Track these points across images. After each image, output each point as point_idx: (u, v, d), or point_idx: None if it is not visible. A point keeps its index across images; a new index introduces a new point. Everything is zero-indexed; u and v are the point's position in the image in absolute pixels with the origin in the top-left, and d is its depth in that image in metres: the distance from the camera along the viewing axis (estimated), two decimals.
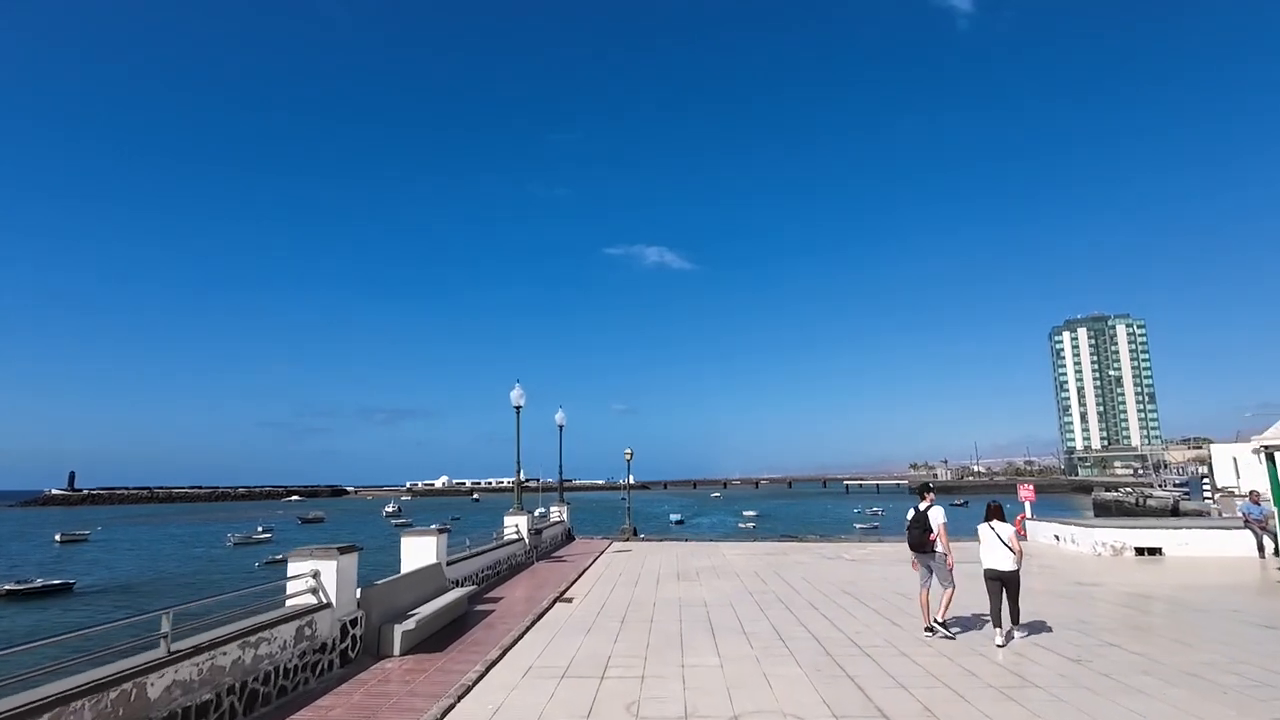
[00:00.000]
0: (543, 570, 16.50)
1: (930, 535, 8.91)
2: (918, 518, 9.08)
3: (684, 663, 7.96)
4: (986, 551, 8.83)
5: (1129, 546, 17.58)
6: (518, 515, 17.88)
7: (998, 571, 8.71)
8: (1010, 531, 8.80)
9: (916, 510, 9.18)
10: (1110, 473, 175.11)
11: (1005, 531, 8.77)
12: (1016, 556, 8.69)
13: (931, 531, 8.90)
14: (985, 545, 8.85)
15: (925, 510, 9.06)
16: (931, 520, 8.93)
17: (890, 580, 14.20)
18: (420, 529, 11.51)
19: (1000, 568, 8.69)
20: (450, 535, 12.89)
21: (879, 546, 21.51)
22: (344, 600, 7.94)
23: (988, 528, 8.86)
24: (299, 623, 7.06)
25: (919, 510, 9.15)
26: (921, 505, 9.17)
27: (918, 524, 9.04)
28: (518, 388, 18.89)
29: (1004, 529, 8.79)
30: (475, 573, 13.45)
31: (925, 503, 9.17)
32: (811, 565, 17.04)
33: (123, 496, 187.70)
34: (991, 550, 8.77)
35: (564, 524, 23.89)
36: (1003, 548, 8.69)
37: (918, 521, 9.05)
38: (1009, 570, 8.66)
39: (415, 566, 10.84)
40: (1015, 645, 8.54)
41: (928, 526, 8.94)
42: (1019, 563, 8.73)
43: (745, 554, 19.89)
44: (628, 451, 29.75)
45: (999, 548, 8.71)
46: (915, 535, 9.03)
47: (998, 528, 8.80)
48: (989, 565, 8.79)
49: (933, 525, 8.92)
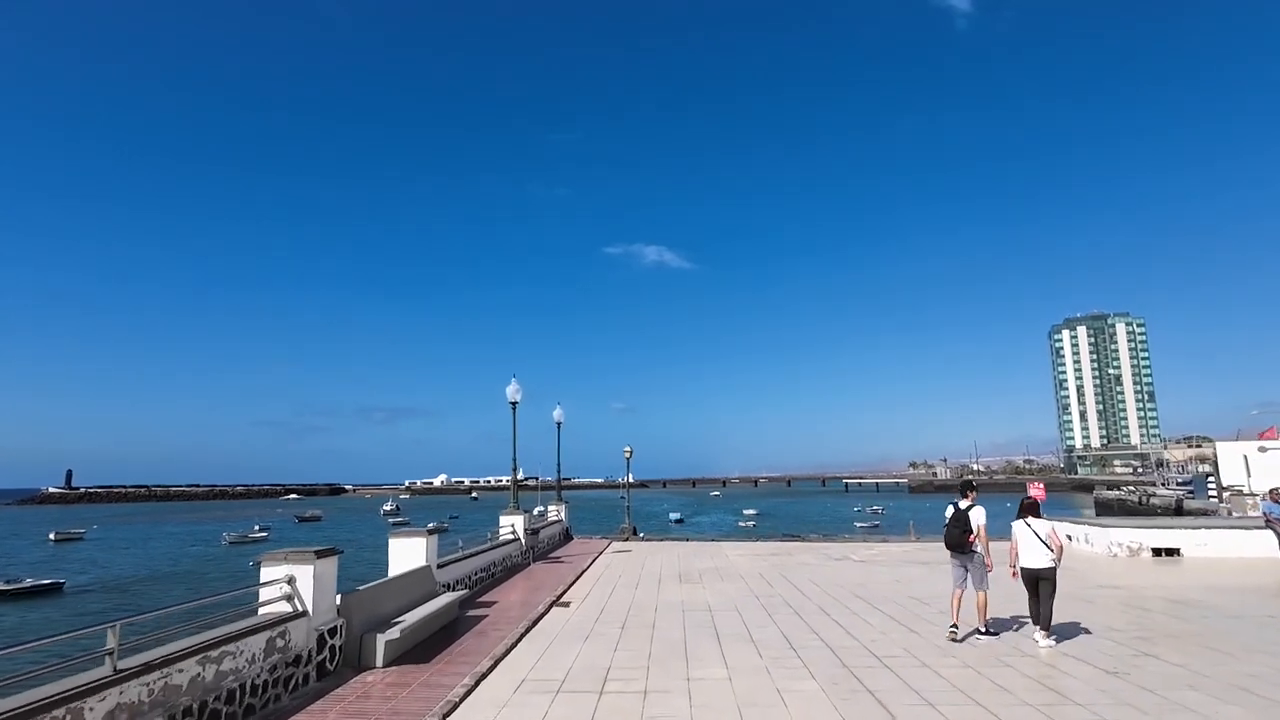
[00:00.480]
0: (539, 572, 15.91)
1: (970, 535, 8.55)
2: (957, 516, 8.70)
3: (689, 675, 7.36)
4: (1023, 550, 8.51)
5: (1145, 547, 17.01)
6: (514, 515, 17.28)
7: (1035, 570, 8.41)
8: (1048, 528, 8.50)
9: (956, 508, 8.77)
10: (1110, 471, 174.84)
11: (1043, 528, 8.48)
12: (1055, 554, 8.37)
13: (971, 531, 8.55)
14: (1022, 543, 8.54)
15: (966, 509, 8.68)
16: (972, 520, 8.58)
17: (902, 583, 13.62)
18: (409, 529, 10.91)
19: (1037, 566, 8.39)
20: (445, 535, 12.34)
21: (886, 547, 20.93)
22: (322, 608, 7.35)
23: (1023, 524, 8.55)
24: (270, 634, 6.46)
25: (959, 508, 8.74)
26: (962, 503, 8.77)
27: (957, 523, 8.67)
28: (514, 383, 18.29)
29: (1041, 526, 8.51)
30: (468, 575, 12.85)
31: (966, 501, 8.77)
32: (818, 567, 16.46)
33: (120, 495, 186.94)
34: (1029, 548, 8.46)
35: (562, 523, 23.30)
36: (1040, 545, 8.39)
37: (957, 520, 8.68)
38: (1046, 568, 8.36)
39: (404, 569, 10.24)
40: (1046, 655, 7.95)
41: (968, 526, 8.58)
42: (1058, 560, 8.41)
43: (748, 554, 19.31)
44: (627, 449, 29.19)
45: (1036, 545, 8.41)
46: (954, 534, 8.68)
47: (1034, 524, 8.50)
48: (1026, 564, 8.48)
49: (973, 525, 8.56)
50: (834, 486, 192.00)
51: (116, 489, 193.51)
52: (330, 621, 7.46)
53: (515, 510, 17.47)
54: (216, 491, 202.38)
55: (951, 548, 8.78)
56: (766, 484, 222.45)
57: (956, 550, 8.72)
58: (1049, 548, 8.37)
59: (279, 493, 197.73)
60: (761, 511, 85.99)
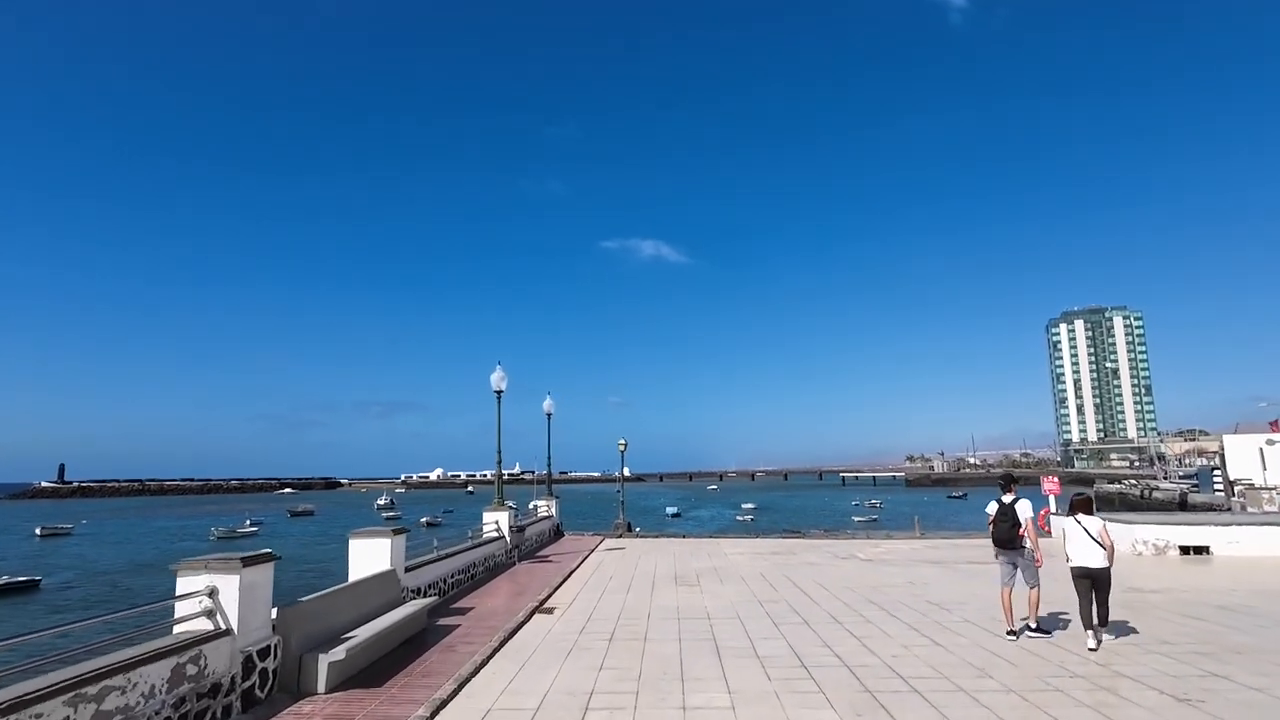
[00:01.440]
0: (524, 573, 14.80)
1: (1020, 530, 8.29)
2: (1003, 511, 8.41)
3: (685, 703, 6.25)
4: (1074, 548, 8.14)
5: (1173, 545, 15.96)
6: (498, 511, 16.16)
7: (1087, 569, 7.99)
8: (1100, 525, 8.10)
9: (1001, 503, 8.48)
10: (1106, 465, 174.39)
11: (1094, 525, 8.08)
12: (1108, 552, 7.97)
13: (1021, 526, 8.28)
14: (1072, 541, 8.17)
15: (1012, 503, 8.38)
16: (1020, 514, 8.30)
17: (917, 585, 12.54)
18: (372, 529, 9.75)
19: (1090, 565, 7.97)
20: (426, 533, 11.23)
21: (893, 544, 19.87)
22: (252, 624, 6.21)
23: (1074, 522, 8.20)
24: (178, 659, 5.32)
25: (1004, 503, 8.44)
26: (1006, 497, 8.47)
27: (1005, 518, 8.38)
28: (499, 370, 17.12)
29: (1093, 523, 8.12)
30: (443, 578, 11.72)
31: (1010, 495, 8.46)
32: (824, 567, 15.39)
33: (113, 489, 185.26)
34: (1080, 546, 8.08)
35: (552, 519, 22.19)
36: (1092, 543, 8.01)
37: (1004, 515, 8.39)
38: (1099, 568, 7.93)
39: (364, 574, 9.12)
40: (1101, 679, 6.86)
41: (1017, 520, 8.31)
42: (1111, 559, 7.98)
43: (749, 553, 18.23)
44: (621, 442, 28.03)
45: (1088, 543, 8.04)
46: (1004, 530, 8.37)
47: (1085, 521, 8.14)
48: (1077, 563, 8.08)
49: (1021, 519, 8.28)
50: (831, 480, 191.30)
51: (110, 483, 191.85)
52: (262, 640, 6.32)
53: (500, 506, 16.35)
54: (211, 486, 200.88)
55: (1001, 544, 8.46)
56: (763, 477, 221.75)
57: (1006, 546, 8.40)
58: (1101, 546, 7.97)
59: (274, 487, 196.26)
60: (760, 505, 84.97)
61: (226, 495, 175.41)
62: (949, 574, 13.94)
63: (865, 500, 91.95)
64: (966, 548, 18.61)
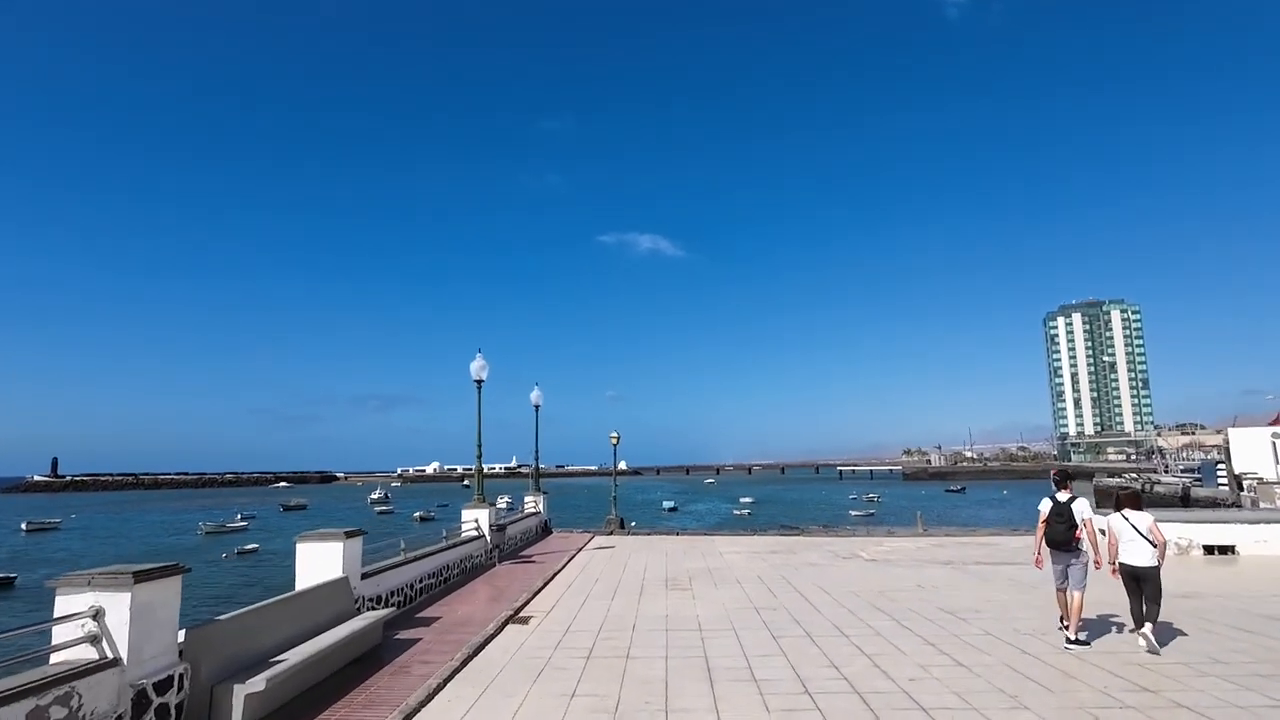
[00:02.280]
0: (504, 575, 13.79)
1: (1077, 531, 7.79)
2: (1059, 510, 7.91)
3: None
4: (1123, 546, 7.77)
5: (1196, 544, 15.02)
6: (477, 508, 15.13)
7: (1135, 568, 7.64)
8: (1149, 521, 7.71)
9: (1055, 501, 7.98)
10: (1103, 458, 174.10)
11: (1143, 521, 7.70)
12: (1158, 550, 7.60)
13: (1078, 526, 7.79)
14: (1121, 538, 7.80)
15: (1068, 502, 7.89)
16: (1077, 514, 7.82)
17: (927, 590, 11.56)
18: (323, 531, 8.70)
19: (1138, 563, 7.62)
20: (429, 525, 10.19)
21: (897, 543, 18.90)
22: (148, 651, 5.18)
23: (1121, 518, 7.82)
24: (37, 700, 4.28)
25: (1058, 502, 7.95)
26: (1061, 496, 7.99)
27: (1060, 518, 7.87)
28: (479, 358, 16.05)
29: (1141, 519, 7.73)
30: (410, 584, 10.69)
31: (1066, 493, 7.99)
32: (826, 568, 14.41)
33: (106, 483, 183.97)
34: (1128, 543, 7.72)
35: (539, 516, 21.18)
36: (1141, 540, 7.64)
37: (1060, 515, 7.89)
38: (1148, 566, 7.58)
39: (311, 583, 8.11)
40: (1156, 710, 5.87)
41: (1074, 521, 7.80)
42: (1161, 557, 7.62)
43: (745, 552, 17.24)
44: (614, 435, 27.02)
45: (1137, 541, 7.66)
46: (1060, 530, 7.86)
47: (1133, 517, 7.74)
48: (1125, 560, 7.73)
49: (1078, 519, 7.80)
50: (828, 474, 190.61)
51: (103, 477, 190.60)
52: (162, 670, 5.29)
53: (480, 503, 15.32)
54: (205, 480, 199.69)
55: (1055, 545, 7.97)
56: (760, 471, 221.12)
57: (1061, 548, 7.91)
58: (1152, 543, 7.60)
59: (269, 480, 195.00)
60: (757, 499, 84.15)
61: (221, 489, 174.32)
62: (959, 576, 12.97)
63: (863, 494, 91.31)
64: (973, 546, 17.67)
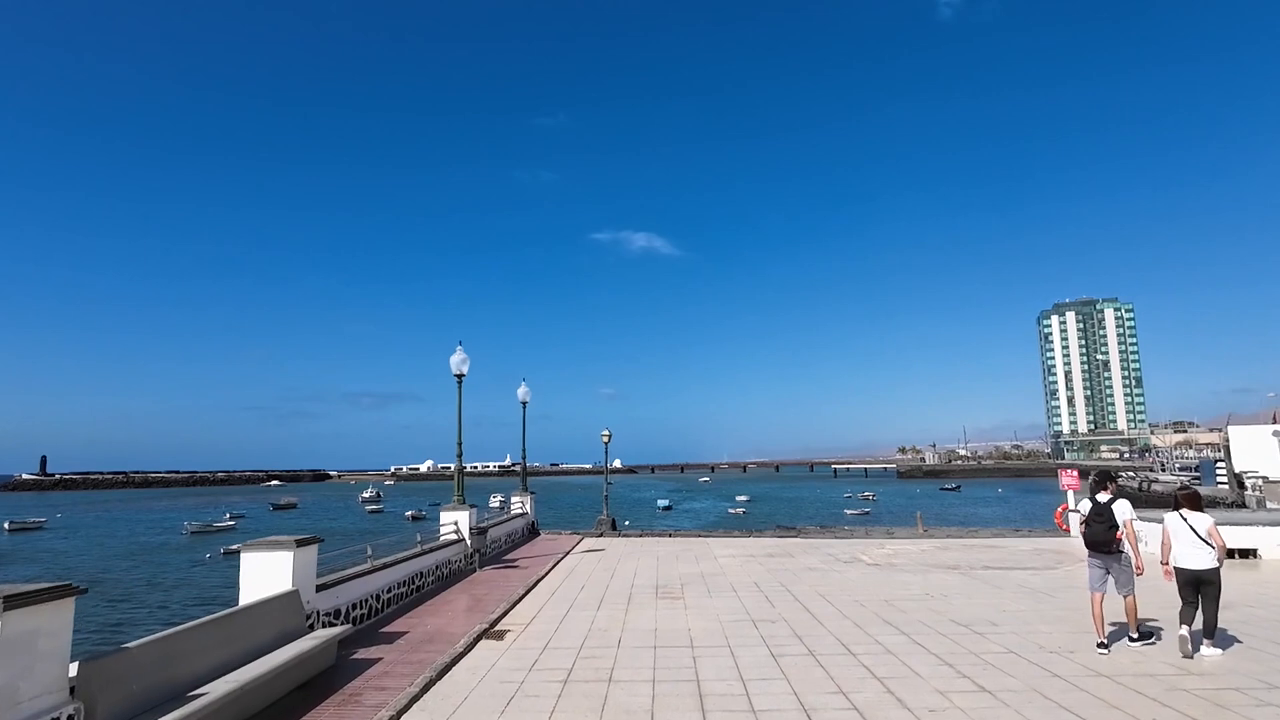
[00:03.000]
0: (484, 582, 12.92)
1: (1118, 533, 7.52)
2: (1098, 511, 7.64)
3: None
4: (1179, 548, 7.44)
5: None
6: (457, 510, 14.27)
7: (1193, 571, 7.26)
8: (1209, 523, 7.31)
9: (1095, 502, 7.72)
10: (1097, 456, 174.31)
11: (1202, 523, 7.31)
12: (1218, 553, 7.23)
13: (1119, 528, 7.51)
14: (1177, 540, 7.46)
15: (1107, 503, 7.62)
16: (1117, 515, 7.55)
17: (936, 598, 10.76)
18: (271, 539, 7.81)
19: (1195, 567, 7.24)
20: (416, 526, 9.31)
21: (899, 545, 18.11)
22: (27, 690, 4.31)
23: (1178, 518, 7.45)
24: None
25: (1098, 502, 7.69)
26: (1101, 497, 7.74)
27: (1100, 519, 7.61)
28: (459, 352, 15.17)
29: (1200, 520, 7.34)
30: (375, 594, 9.79)
31: (1106, 494, 7.74)
32: (826, 573, 13.60)
33: (96, 481, 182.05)
34: (1186, 546, 7.35)
35: (526, 517, 20.32)
36: (1200, 543, 7.27)
37: (1099, 516, 7.62)
38: (1207, 569, 7.19)
39: (256, 597, 7.24)
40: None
41: (1113, 522, 7.52)
42: (1221, 559, 7.27)
43: (741, 555, 16.42)
44: (605, 433, 26.16)
45: (1194, 543, 7.30)
46: (1099, 532, 7.60)
47: (1191, 518, 7.38)
48: (1181, 564, 7.39)
49: (1118, 521, 7.52)
50: (822, 472, 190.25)
51: (93, 475, 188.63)
52: (47, 712, 4.42)
53: (460, 504, 14.46)
54: (197, 478, 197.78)
55: (1095, 547, 7.71)
56: (755, 469, 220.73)
57: (1100, 550, 7.66)
58: (1210, 546, 7.23)
59: (261, 478, 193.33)
60: (752, 498, 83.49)
61: (212, 487, 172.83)
62: (969, 583, 12.19)
63: (858, 492, 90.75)
64: (979, 549, 16.91)
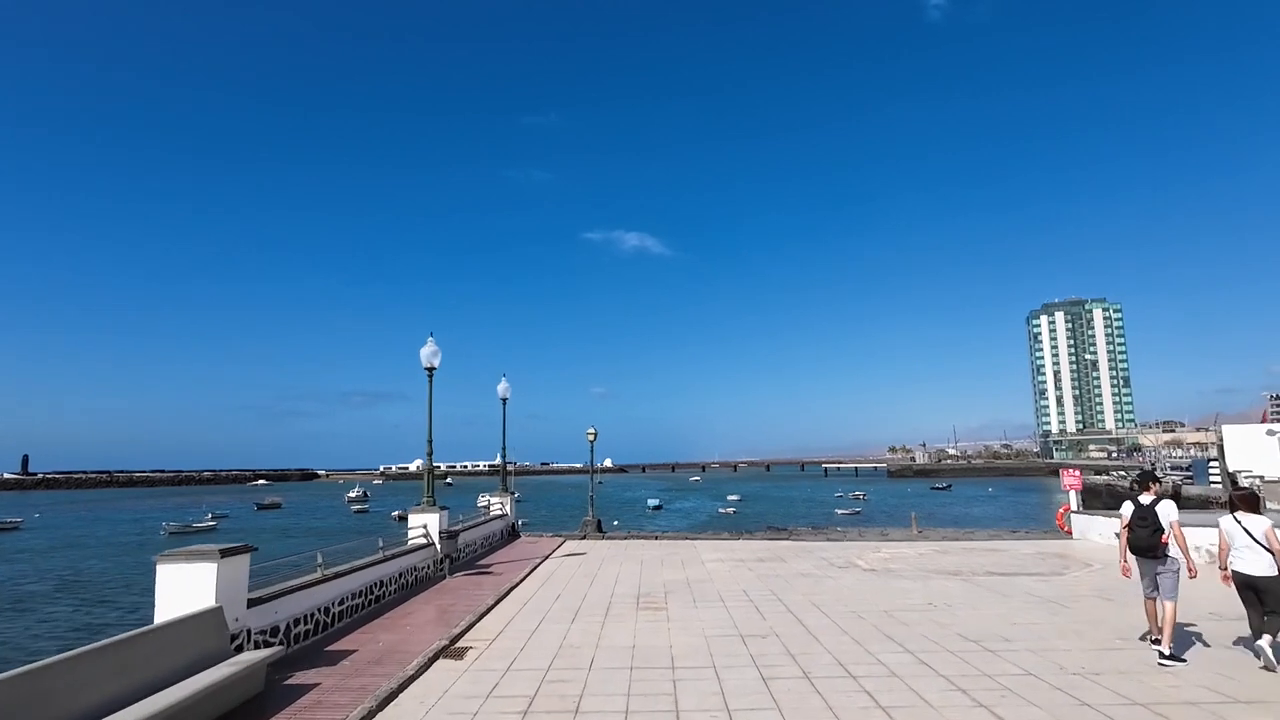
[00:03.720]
0: (452, 590, 11.99)
1: (1163, 536, 7.18)
2: (1141, 513, 7.31)
3: None
4: (1235, 551, 7.08)
5: None
6: (426, 512, 13.31)
7: (1250, 577, 6.89)
8: (1266, 526, 6.90)
9: (1138, 504, 7.38)
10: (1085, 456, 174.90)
11: (1259, 526, 6.92)
12: (1277, 557, 6.76)
13: (1164, 531, 7.17)
14: (1233, 543, 7.10)
15: (1151, 505, 7.30)
16: (1162, 517, 7.22)
17: (940, 609, 9.93)
18: (192, 549, 6.88)
19: (1253, 572, 6.87)
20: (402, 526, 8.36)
21: (896, 548, 17.32)
22: None
23: (1233, 520, 7.09)
24: None
25: (1141, 504, 7.35)
26: (1144, 498, 7.40)
27: (1143, 522, 7.28)
28: (430, 344, 14.21)
29: (1256, 523, 6.94)
30: (324, 607, 8.85)
31: (1149, 495, 7.41)
32: (820, 579, 12.77)
33: (80, 481, 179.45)
34: (1242, 550, 6.99)
35: (505, 518, 19.39)
36: (1256, 547, 6.90)
37: (1143, 518, 7.29)
38: (1265, 576, 6.78)
39: (176, 615, 6.31)
40: None
41: (1158, 525, 7.19)
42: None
43: (730, 560, 15.57)
44: (590, 431, 25.26)
45: (1251, 546, 6.93)
46: (1143, 536, 7.28)
47: (1246, 520, 7.01)
48: (1238, 569, 7.03)
49: (1163, 523, 7.18)
50: (813, 471, 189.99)
51: (76, 475, 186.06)
52: None
53: (430, 506, 13.51)
54: (183, 477, 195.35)
55: (1139, 551, 7.38)
56: (746, 468, 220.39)
57: (1146, 554, 7.33)
58: (1269, 550, 6.81)
59: (249, 478, 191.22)
60: (743, 497, 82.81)
61: (198, 487, 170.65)
62: (973, 591, 11.38)
63: (849, 492, 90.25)
64: (979, 553, 16.15)
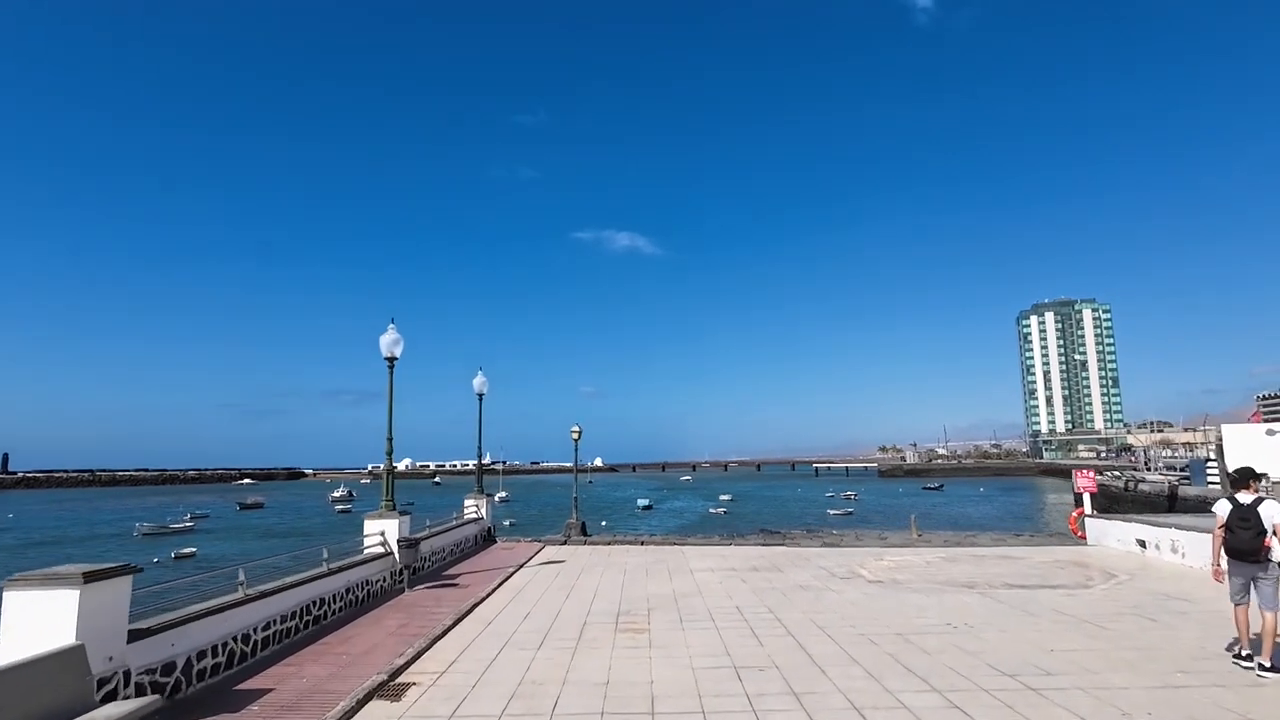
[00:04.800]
0: (408, 606, 10.63)
1: (1266, 538, 6.53)
2: (1241, 514, 6.64)
3: None
4: None
5: None
6: (384, 518, 11.93)
7: None
8: None
9: (1236, 503, 6.72)
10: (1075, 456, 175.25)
11: None
12: None
13: (1266, 533, 6.52)
14: None
15: (1252, 504, 6.64)
16: (1265, 518, 6.54)
17: (961, 630, 8.68)
18: (46, 572, 5.50)
19: None
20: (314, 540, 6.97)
21: (901, 555, 16.09)
22: None
23: None
24: None
25: (1241, 504, 6.69)
26: (1243, 497, 6.74)
27: (1245, 523, 6.62)
28: (391, 331, 12.83)
29: None
30: (242, 634, 7.44)
31: (1250, 494, 6.73)
32: (822, 592, 11.51)
33: (61, 480, 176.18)
34: None
35: (480, 522, 18.02)
36: None
37: (1243, 519, 6.63)
38: None
39: (16, 658, 4.96)
40: None
41: (1261, 527, 6.55)
42: None
43: (721, 569, 14.28)
44: (575, 429, 23.95)
45: None
46: (1246, 538, 6.59)
47: None
48: None
49: (1267, 525, 6.51)
50: (803, 470, 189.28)
51: (58, 474, 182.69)
52: None
53: (388, 511, 12.14)
54: (167, 476, 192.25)
55: (1238, 556, 6.77)
56: (736, 468, 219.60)
57: (1245, 558, 6.69)
58: None
59: (233, 477, 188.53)
60: (734, 497, 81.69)
61: (182, 486, 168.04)
62: (995, 608, 10.13)
63: (840, 492, 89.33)
64: (991, 560, 14.96)
